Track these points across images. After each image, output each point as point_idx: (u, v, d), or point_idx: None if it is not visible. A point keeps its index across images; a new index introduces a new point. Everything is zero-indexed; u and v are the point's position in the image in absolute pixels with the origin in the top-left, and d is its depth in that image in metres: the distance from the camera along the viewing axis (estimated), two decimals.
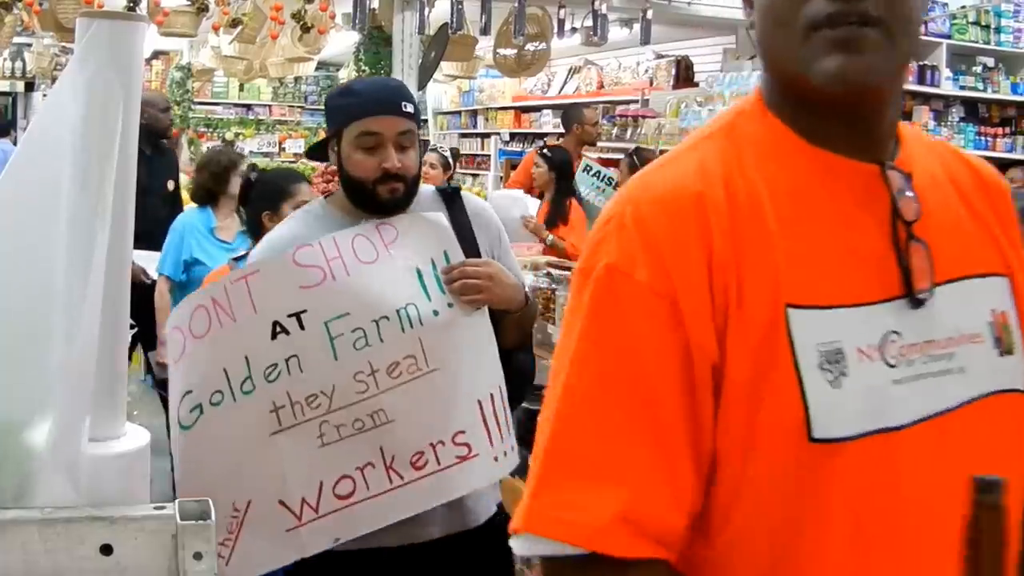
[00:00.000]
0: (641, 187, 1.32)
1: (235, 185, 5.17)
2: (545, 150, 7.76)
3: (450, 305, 2.47)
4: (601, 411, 1.22)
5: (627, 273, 1.23)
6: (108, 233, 1.51)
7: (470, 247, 2.62)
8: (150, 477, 1.73)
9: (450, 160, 8.13)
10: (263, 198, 3.99)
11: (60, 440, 1.46)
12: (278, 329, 2.36)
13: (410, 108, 2.58)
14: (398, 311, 2.41)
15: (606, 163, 7.94)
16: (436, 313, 2.44)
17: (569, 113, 8.98)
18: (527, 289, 2.80)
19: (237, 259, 3.86)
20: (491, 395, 2.50)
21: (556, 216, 7.25)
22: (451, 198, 2.74)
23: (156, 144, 6.86)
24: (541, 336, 4.80)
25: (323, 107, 3.20)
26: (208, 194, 5.49)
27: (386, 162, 2.52)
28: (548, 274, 5.29)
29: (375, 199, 2.55)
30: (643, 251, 1.23)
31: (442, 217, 2.58)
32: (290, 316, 2.36)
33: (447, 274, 2.49)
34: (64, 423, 1.48)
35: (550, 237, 7.02)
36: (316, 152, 2.82)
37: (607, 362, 1.23)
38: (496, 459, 2.49)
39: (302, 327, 2.36)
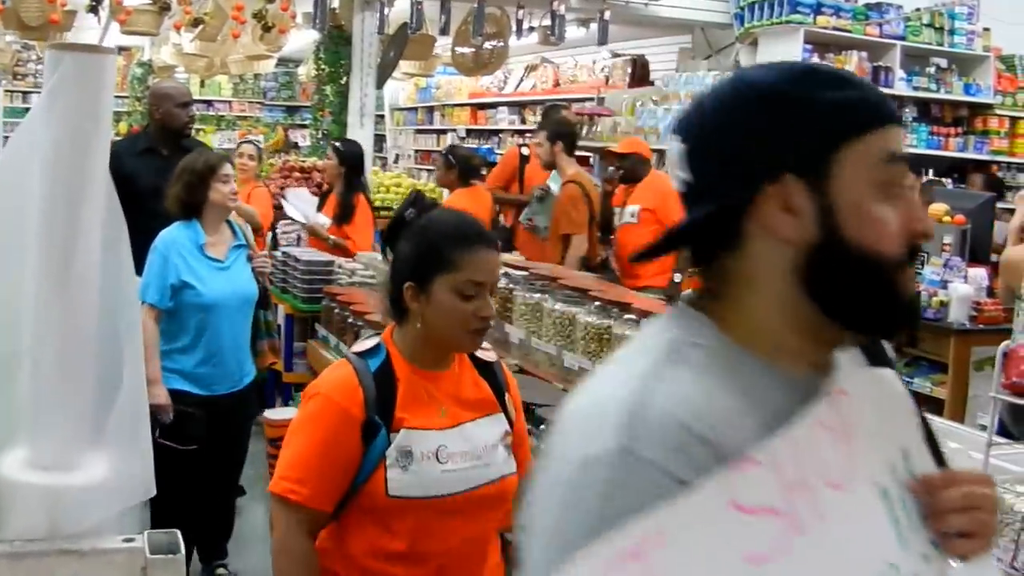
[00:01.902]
0: None
1: (217, 192, 4.64)
2: (338, 143, 7.58)
3: (926, 557, 1.24)
4: None
5: None
6: (91, 264, 1.52)
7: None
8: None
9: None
10: (429, 260, 2.42)
11: (41, 471, 1.50)
12: None
13: None
14: None
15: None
16: None
17: (548, 114, 9.03)
18: None
19: (361, 354, 2.47)
20: None
21: (343, 213, 7.07)
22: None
23: (175, 143, 5.74)
24: (498, 335, 4.69)
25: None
26: (186, 207, 4.65)
27: (915, 218, 1.24)
28: (506, 274, 4.87)
29: (895, 302, 1.24)
30: None
31: (895, 376, 1.35)
32: None
33: (926, 494, 1.26)
34: (44, 454, 1.51)
35: (331, 239, 6.96)
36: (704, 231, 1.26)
37: None
38: None
39: None
